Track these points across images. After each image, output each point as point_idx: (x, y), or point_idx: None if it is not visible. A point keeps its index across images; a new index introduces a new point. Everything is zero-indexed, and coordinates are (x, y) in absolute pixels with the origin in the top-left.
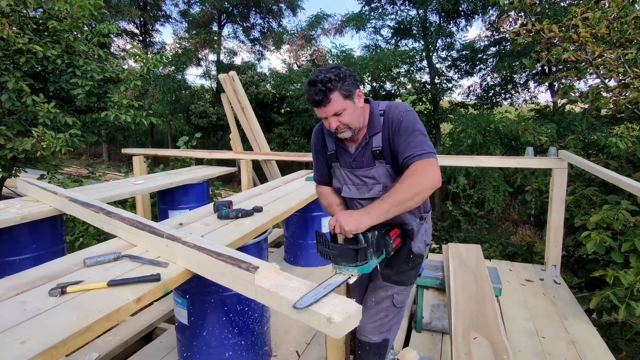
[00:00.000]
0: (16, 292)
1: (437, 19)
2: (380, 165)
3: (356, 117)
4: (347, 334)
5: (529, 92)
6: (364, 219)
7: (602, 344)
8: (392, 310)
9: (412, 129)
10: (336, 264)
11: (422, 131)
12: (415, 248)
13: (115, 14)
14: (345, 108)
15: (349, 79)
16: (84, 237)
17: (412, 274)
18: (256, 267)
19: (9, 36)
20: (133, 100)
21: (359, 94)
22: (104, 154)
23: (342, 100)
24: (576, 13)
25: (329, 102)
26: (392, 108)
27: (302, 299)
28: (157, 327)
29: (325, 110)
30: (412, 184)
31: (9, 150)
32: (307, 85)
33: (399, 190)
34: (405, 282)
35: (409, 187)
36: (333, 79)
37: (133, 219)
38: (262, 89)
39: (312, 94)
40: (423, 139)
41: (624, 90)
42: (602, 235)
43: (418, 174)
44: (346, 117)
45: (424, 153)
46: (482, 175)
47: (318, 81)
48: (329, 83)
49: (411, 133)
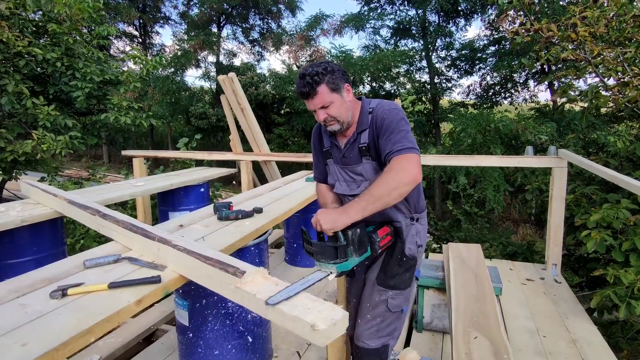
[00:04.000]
0: (17, 295)
1: (436, 18)
2: (367, 162)
3: (344, 110)
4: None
5: (529, 91)
6: (342, 217)
7: (603, 342)
8: (388, 316)
9: (394, 126)
10: (317, 260)
11: (403, 128)
12: (407, 250)
13: (114, 16)
14: (332, 101)
15: (337, 73)
16: (84, 239)
17: (406, 277)
18: (243, 271)
19: (9, 39)
20: (133, 102)
21: (347, 88)
22: (104, 155)
23: (329, 92)
24: (575, 12)
25: (315, 94)
26: (379, 106)
27: (275, 295)
28: (158, 329)
29: (313, 103)
30: (389, 179)
31: (9, 153)
32: (297, 79)
33: (375, 186)
34: (399, 286)
35: (386, 183)
36: (320, 72)
37: (127, 222)
38: (261, 89)
39: (300, 87)
40: (404, 134)
41: (623, 89)
42: (603, 234)
43: (395, 170)
44: (333, 110)
45: (403, 149)
46: (482, 175)
47: (306, 74)
48: (316, 76)
49: (393, 130)
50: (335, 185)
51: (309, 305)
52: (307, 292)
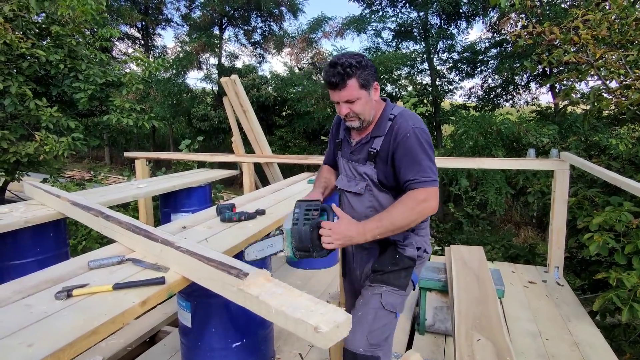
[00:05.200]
0: (22, 296)
1: (437, 21)
2: (370, 166)
3: (368, 108)
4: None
5: (530, 93)
6: (358, 239)
7: (606, 345)
8: (381, 313)
9: (418, 151)
10: (286, 232)
11: (429, 153)
12: (402, 250)
13: (116, 18)
14: (359, 97)
15: (369, 70)
16: (86, 240)
17: (402, 275)
18: (246, 273)
19: (12, 41)
20: (135, 104)
21: (375, 87)
22: (106, 157)
23: (358, 88)
24: (577, 15)
25: (344, 86)
26: (402, 118)
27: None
28: (160, 330)
29: (340, 95)
30: (412, 211)
31: (12, 154)
32: (327, 65)
33: (397, 215)
34: (393, 282)
35: (409, 214)
36: (354, 64)
37: (130, 223)
38: (263, 91)
39: (329, 75)
40: (428, 163)
41: (625, 92)
42: (605, 237)
43: (421, 203)
44: (358, 107)
45: (428, 181)
46: (484, 177)
47: (339, 64)
48: (349, 68)
49: (416, 155)
50: (339, 178)
51: (311, 308)
52: (309, 295)
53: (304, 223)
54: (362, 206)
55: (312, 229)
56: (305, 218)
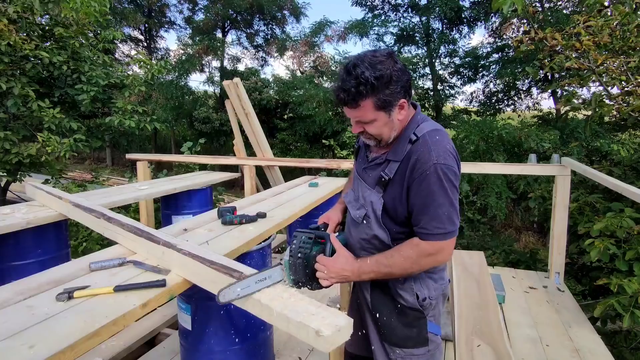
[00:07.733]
0: (24, 297)
1: (439, 26)
2: (377, 195)
3: (386, 130)
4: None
5: (532, 98)
6: (352, 278)
7: (607, 352)
8: None
9: (438, 193)
10: (285, 264)
11: (450, 197)
12: (399, 299)
13: (120, 20)
14: (374, 119)
15: (395, 85)
16: (87, 241)
17: (412, 333)
18: (247, 276)
19: (16, 42)
20: (137, 106)
21: (401, 105)
22: (108, 158)
23: (373, 110)
24: (579, 21)
25: (356, 107)
26: (425, 146)
27: (228, 287)
28: (160, 333)
29: (350, 113)
30: (416, 264)
31: (14, 155)
32: (342, 71)
33: (398, 265)
34: (404, 343)
35: (411, 265)
36: (371, 82)
37: (132, 225)
38: (265, 95)
39: (338, 90)
40: (449, 210)
41: (627, 98)
42: (606, 243)
43: (426, 257)
44: (373, 129)
45: (442, 233)
46: (485, 182)
47: (353, 75)
48: (363, 86)
49: (435, 199)
50: (347, 192)
51: (312, 311)
52: (310, 298)
53: (298, 257)
54: (357, 235)
55: (307, 263)
56: (299, 252)
